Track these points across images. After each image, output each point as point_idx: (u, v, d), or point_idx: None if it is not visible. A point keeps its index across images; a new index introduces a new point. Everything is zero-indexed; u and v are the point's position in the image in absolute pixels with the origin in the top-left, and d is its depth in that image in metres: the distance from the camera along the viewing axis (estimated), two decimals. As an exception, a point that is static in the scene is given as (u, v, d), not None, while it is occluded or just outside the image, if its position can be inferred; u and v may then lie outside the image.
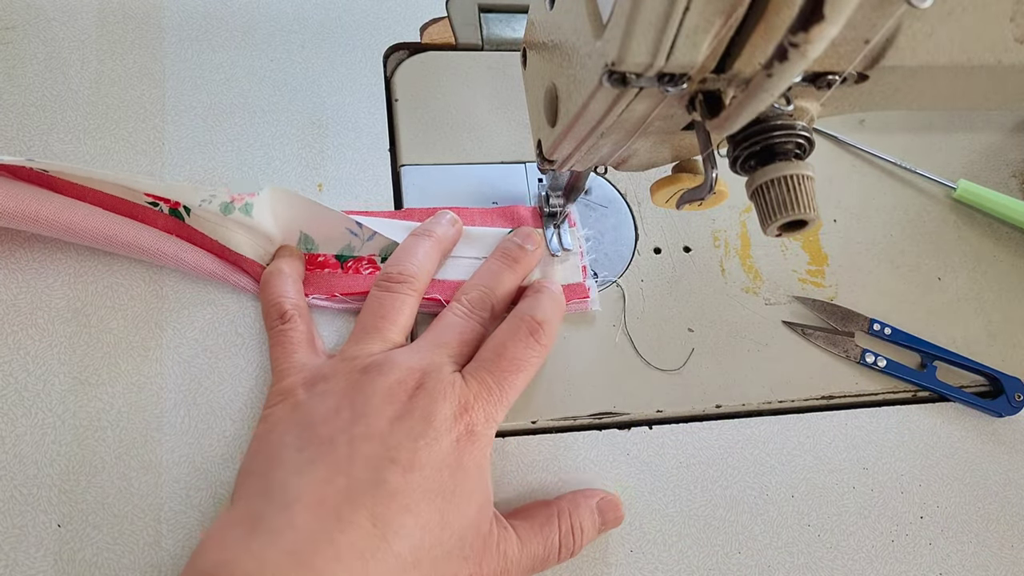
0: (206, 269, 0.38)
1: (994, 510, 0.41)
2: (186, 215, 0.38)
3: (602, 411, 0.40)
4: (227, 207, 0.37)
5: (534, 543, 0.34)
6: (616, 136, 0.29)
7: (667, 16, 0.21)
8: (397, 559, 0.29)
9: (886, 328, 0.44)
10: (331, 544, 0.28)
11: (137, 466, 0.35)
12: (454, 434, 0.32)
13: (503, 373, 0.34)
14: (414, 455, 0.30)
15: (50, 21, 0.44)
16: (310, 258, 0.41)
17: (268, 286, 0.38)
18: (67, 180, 0.36)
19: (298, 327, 0.37)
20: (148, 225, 0.38)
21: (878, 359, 0.43)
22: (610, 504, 0.37)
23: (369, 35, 0.48)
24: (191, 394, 0.36)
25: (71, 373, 0.36)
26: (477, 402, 0.33)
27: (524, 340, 0.35)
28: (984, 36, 0.25)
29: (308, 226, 0.40)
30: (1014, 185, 0.52)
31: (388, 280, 0.37)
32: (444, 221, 0.41)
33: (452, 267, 0.41)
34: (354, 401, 0.32)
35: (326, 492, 0.29)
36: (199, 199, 0.37)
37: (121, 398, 0.36)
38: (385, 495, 0.29)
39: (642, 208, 0.46)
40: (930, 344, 0.44)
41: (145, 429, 0.35)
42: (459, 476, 0.31)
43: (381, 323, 0.36)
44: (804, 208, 0.25)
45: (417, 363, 0.34)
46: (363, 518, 0.29)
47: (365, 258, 0.41)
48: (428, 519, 0.30)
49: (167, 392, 0.36)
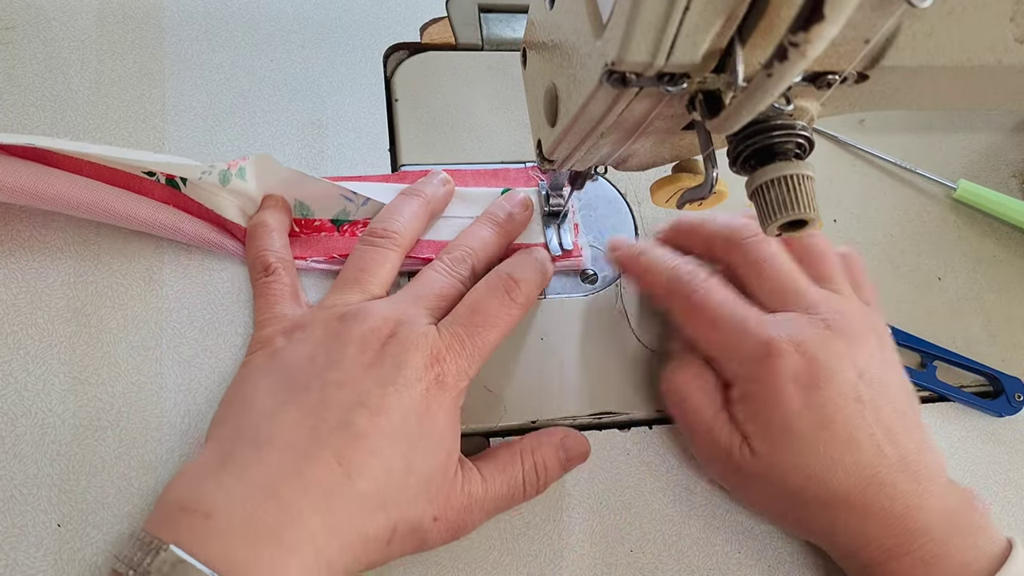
0: (203, 238, 0.39)
1: (994, 510, 0.41)
2: (182, 185, 0.38)
3: (602, 411, 0.40)
4: (224, 175, 0.38)
5: (498, 482, 0.34)
6: (616, 136, 0.29)
7: (667, 16, 0.21)
8: (362, 498, 0.30)
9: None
10: (299, 477, 0.29)
11: (137, 466, 0.35)
12: (424, 383, 0.32)
13: (476, 328, 0.34)
14: (383, 400, 0.31)
15: (50, 21, 0.44)
16: (306, 223, 0.41)
17: (253, 239, 0.39)
18: (64, 155, 0.36)
19: (281, 279, 0.38)
20: (145, 196, 0.38)
21: (878, 359, 0.43)
22: (575, 439, 0.37)
23: (369, 35, 0.48)
24: (191, 394, 0.36)
25: (71, 373, 0.36)
26: (449, 354, 0.33)
27: (499, 297, 0.36)
28: (984, 36, 0.25)
29: (302, 194, 0.41)
30: (1014, 185, 0.52)
31: (372, 235, 0.38)
32: (435, 181, 0.41)
33: (443, 227, 0.42)
34: (329, 348, 0.33)
35: (296, 433, 0.30)
36: (199, 173, 0.37)
37: (121, 398, 0.36)
38: (351, 436, 0.30)
39: (642, 208, 0.46)
40: (930, 344, 0.44)
41: (145, 429, 0.35)
42: (426, 423, 0.32)
43: (361, 275, 0.37)
44: (804, 208, 0.25)
45: (392, 313, 0.34)
46: (329, 456, 0.30)
47: (360, 222, 0.42)
48: (393, 463, 0.31)
49: (167, 392, 0.36)
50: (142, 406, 0.36)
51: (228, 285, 0.39)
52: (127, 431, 0.35)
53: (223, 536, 0.28)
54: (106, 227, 0.39)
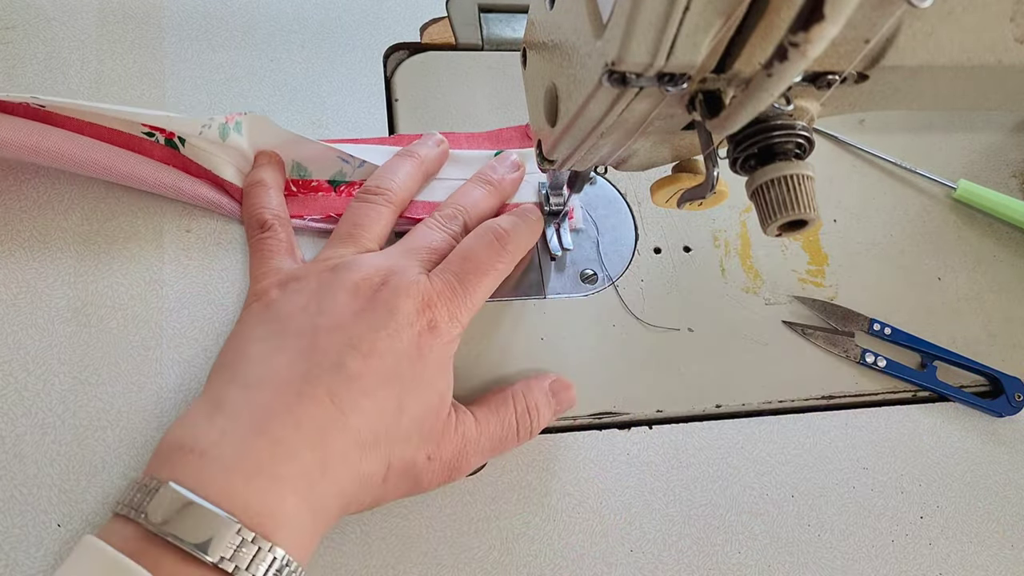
0: (202, 196, 0.39)
1: (994, 510, 0.41)
2: (181, 146, 0.39)
3: (602, 411, 0.40)
4: (224, 129, 0.38)
5: (491, 424, 0.35)
6: (616, 136, 0.29)
7: (667, 16, 0.21)
8: (355, 435, 0.30)
9: (886, 328, 0.44)
10: (290, 414, 0.30)
11: (137, 466, 0.35)
12: (416, 328, 0.33)
13: (467, 275, 0.35)
14: (374, 344, 0.32)
15: (50, 21, 0.44)
16: (304, 183, 0.42)
17: (249, 197, 0.39)
18: (66, 115, 0.37)
19: (278, 235, 0.38)
20: (145, 156, 0.39)
21: (878, 359, 0.43)
22: (562, 385, 0.38)
23: (369, 35, 0.48)
24: (191, 394, 0.36)
25: (71, 373, 0.36)
26: (440, 300, 0.34)
27: (489, 245, 0.36)
28: (984, 36, 0.25)
29: (299, 155, 0.41)
30: (1014, 185, 0.52)
31: (366, 192, 0.39)
32: (430, 143, 0.42)
33: (437, 188, 0.42)
34: (322, 297, 0.34)
35: (289, 374, 0.31)
36: (199, 127, 0.38)
37: (121, 398, 0.36)
38: (344, 378, 0.31)
39: (642, 208, 0.46)
40: (930, 344, 0.44)
41: (145, 429, 0.35)
42: (419, 366, 0.32)
43: (355, 230, 0.37)
44: (804, 208, 0.25)
45: (384, 263, 0.35)
46: (322, 394, 0.30)
47: (357, 183, 0.42)
48: (385, 404, 0.31)
49: (167, 392, 0.36)
50: (142, 406, 0.36)
51: (228, 285, 0.39)
52: (127, 431, 0.35)
53: (218, 472, 0.28)
54: (108, 227, 0.39)
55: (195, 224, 0.40)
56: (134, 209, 0.40)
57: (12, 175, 0.39)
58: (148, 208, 0.40)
